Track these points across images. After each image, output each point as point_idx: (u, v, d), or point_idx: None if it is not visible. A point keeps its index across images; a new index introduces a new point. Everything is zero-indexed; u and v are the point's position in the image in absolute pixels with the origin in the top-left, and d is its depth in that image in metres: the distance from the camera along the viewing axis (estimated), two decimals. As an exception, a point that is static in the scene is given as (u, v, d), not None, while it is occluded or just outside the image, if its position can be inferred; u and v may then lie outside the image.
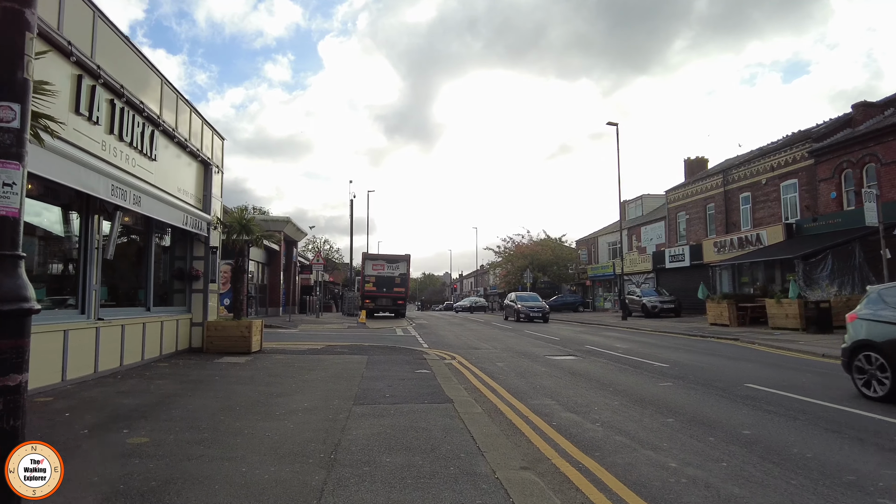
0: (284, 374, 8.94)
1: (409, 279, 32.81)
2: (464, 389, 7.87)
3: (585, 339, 17.47)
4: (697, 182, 35.04)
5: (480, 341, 16.42)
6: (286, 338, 16.98)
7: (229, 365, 9.83)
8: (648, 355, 12.48)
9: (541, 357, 12.36)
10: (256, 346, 12.15)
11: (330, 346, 13.78)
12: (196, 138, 11.39)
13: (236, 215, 12.44)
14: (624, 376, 9.48)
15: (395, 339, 17.56)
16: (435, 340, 16.90)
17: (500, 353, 13.17)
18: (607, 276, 44.90)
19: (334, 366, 9.99)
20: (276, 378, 8.45)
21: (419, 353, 12.45)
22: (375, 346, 13.96)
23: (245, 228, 12.39)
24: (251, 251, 25.97)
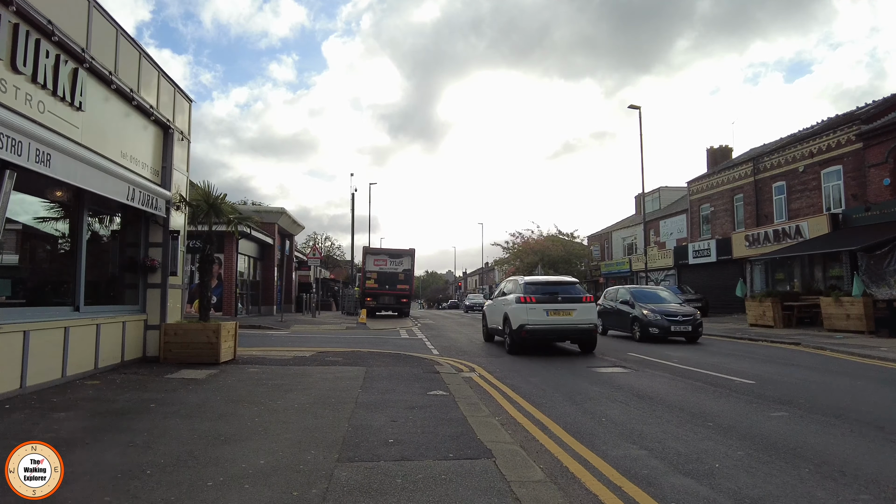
0: (250, 398, 6.54)
1: (413, 275, 30.37)
2: (501, 426, 5.47)
3: (618, 342, 15.04)
4: (723, 172, 32.56)
5: (497, 347, 14.00)
6: (272, 342, 14.59)
7: (181, 383, 7.43)
8: (716, 366, 10.06)
9: (582, 369, 9.94)
10: (227, 355, 9.77)
11: (321, 354, 11.38)
12: (149, 93, 8.99)
13: (202, 192, 10.04)
14: (711, 400, 7.05)
15: (399, 343, 15.16)
16: (446, 345, 14.49)
17: (527, 363, 10.76)
18: (623, 273, 42.42)
19: (321, 384, 7.59)
20: (235, 406, 6.06)
21: (429, 364, 10.05)
22: (376, 354, 11.56)
23: (214, 209, 10.00)
24: (240, 244, 23.61)
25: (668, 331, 14.90)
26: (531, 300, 12.19)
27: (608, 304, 17.75)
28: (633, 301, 16.23)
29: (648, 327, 15.11)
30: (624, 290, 17.73)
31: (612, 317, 17.39)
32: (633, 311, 15.89)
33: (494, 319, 14.21)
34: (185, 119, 10.66)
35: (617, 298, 17.36)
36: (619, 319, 16.94)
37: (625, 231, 44.47)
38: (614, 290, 18.38)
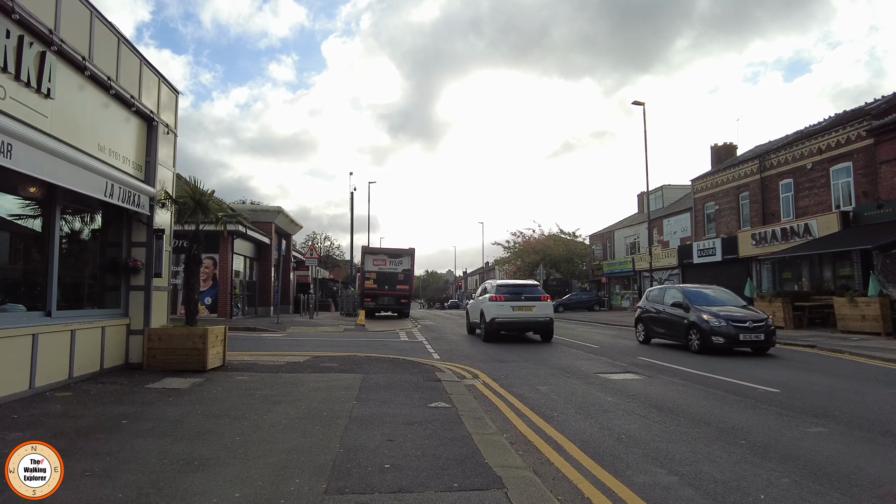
0: (234, 412, 5.96)
1: (413, 275, 29.78)
2: (510, 447, 4.89)
3: (627, 346, 14.46)
4: (728, 169, 31.99)
5: (503, 350, 13.43)
6: (266, 346, 14.01)
7: (161, 395, 6.86)
8: (733, 372, 9.48)
9: (591, 375, 9.36)
10: (216, 361, 9.19)
11: (316, 359, 10.81)
12: (130, 82, 8.41)
13: (187, 188, 9.46)
14: (737, 413, 6.48)
15: (398, 346, 14.58)
16: (447, 348, 13.91)
17: (534, 369, 10.18)
18: (625, 273, 41.86)
19: (313, 395, 7.02)
20: (216, 422, 5.48)
21: (430, 370, 9.47)
22: (374, 359, 10.99)
23: (201, 206, 9.43)
24: (235, 243, 23.03)
25: (736, 340, 12.11)
26: (501, 299, 15.40)
27: (652, 307, 15.09)
28: (687, 304, 13.40)
29: (711, 336, 12.29)
30: (675, 290, 14.80)
31: (659, 323, 14.66)
32: (689, 317, 13.10)
33: (474, 315, 17.23)
34: (172, 112, 10.08)
35: (664, 300, 14.58)
36: (668, 326, 14.20)
37: (627, 230, 43.89)
38: (660, 291, 15.61)
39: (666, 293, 14.99)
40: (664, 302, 14.59)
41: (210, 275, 22.83)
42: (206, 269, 22.85)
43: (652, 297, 15.72)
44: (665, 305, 14.44)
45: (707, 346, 12.38)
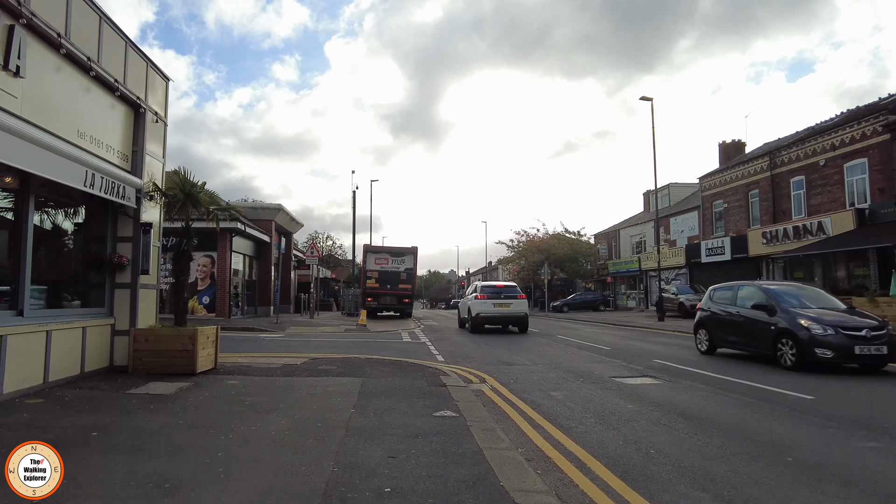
0: (219, 422, 5.39)
1: (416, 274, 29.20)
2: (527, 465, 4.32)
3: (640, 347, 13.87)
4: (737, 167, 31.36)
5: (510, 352, 12.85)
6: (262, 346, 13.45)
7: (143, 402, 6.30)
8: (757, 377, 8.87)
9: (607, 380, 8.77)
10: (206, 364, 8.63)
11: (314, 361, 10.25)
12: (113, 65, 7.85)
13: (176, 180, 8.89)
14: (774, 423, 5.88)
15: (400, 347, 14.01)
16: (451, 350, 13.33)
17: (545, 372, 9.60)
18: (631, 272, 41.23)
19: (308, 401, 6.45)
20: (198, 435, 4.92)
21: (434, 374, 8.90)
22: (375, 361, 10.42)
23: (191, 199, 8.87)
24: (234, 241, 22.50)
25: (850, 354, 9.22)
26: (484, 297, 18.56)
27: (720, 310, 12.03)
28: (775, 305, 10.48)
29: (814, 348, 9.34)
30: (753, 288, 11.68)
31: (731, 329, 11.61)
32: (778, 322, 10.16)
33: (464, 312, 20.40)
34: (161, 99, 9.52)
35: (738, 301, 11.61)
36: (745, 333, 11.22)
37: (633, 229, 43.25)
38: (729, 289, 12.39)
39: (739, 291, 11.96)
40: (738, 302, 11.61)
41: (208, 273, 22.31)
42: (204, 268, 22.34)
43: (718, 296, 12.56)
44: (739, 307, 11.46)
45: (806, 361, 9.45)
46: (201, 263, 22.34)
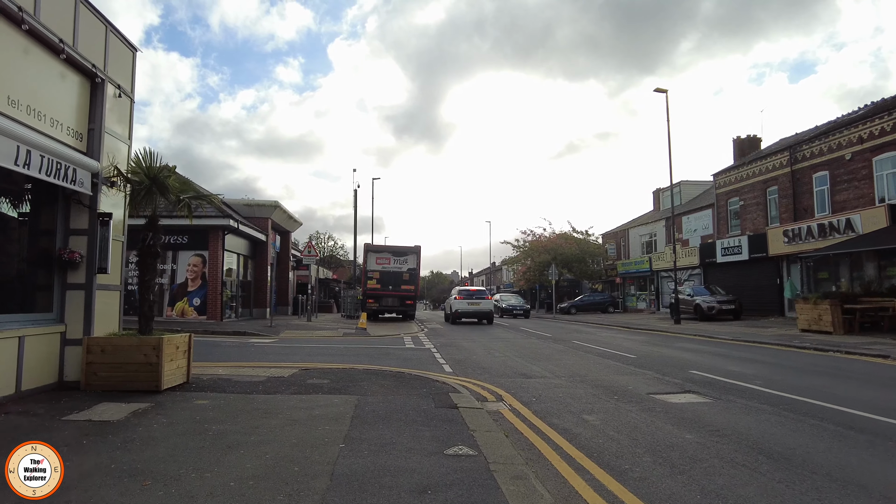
0: (165, 465, 4.09)
1: (419, 275, 27.87)
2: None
3: (668, 355, 12.54)
4: (754, 163, 30.02)
5: (525, 360, 11.54)
6: (250, 354, 12.15)
7: (79, 433, 5.00)
8: (820, 392, 7.54)
9: (646, 397, 7.46)
10: (176, 378, 7.36)
11: (304, 373, 8.96)
12: (58, 22, 6.57)
13: (143, 164, 7.57)
14: (887, 464, 4.57)
15: (402, 355, 12.70)
16: (460, 357, 12.02)
17: (570, 387, 8.29)
18: (641, 273, 39.87)
19: (287, 431, 5.15)
20: (126, 488, 3.62)
21: (443, 390, 7.60)
22: (373, 373, 9.12)
23: (157, 185, 7.58)
24: (227, 239, 21.24)
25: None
26: (461, 298, 25.88)
27: None
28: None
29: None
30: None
31: None
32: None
33: (447, 308, 28.81)
34: (127, 72, 8.25)
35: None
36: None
37: (643, 228, 41.89)
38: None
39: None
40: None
41: (199, 274, 21.04)
42: (195, 268, 21.09)
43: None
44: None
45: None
46: (192, 263, 21.08)
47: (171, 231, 20.94)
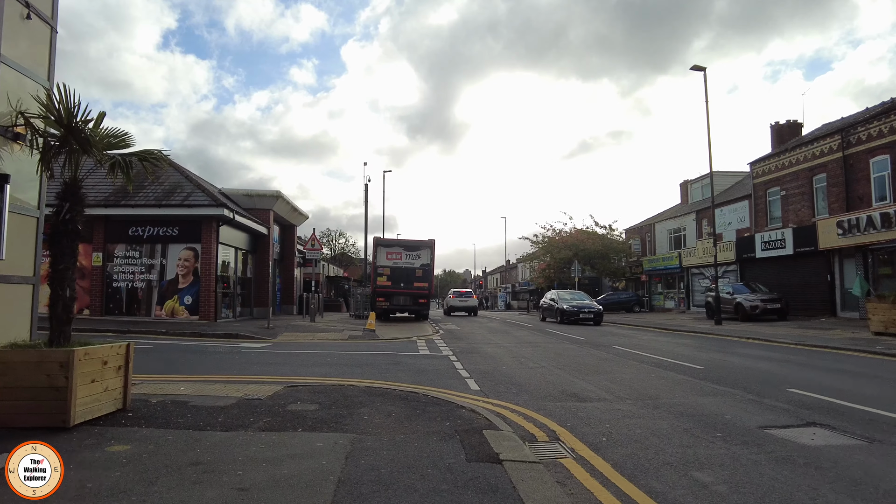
0: None
1: (433, 271, 25.67)
2: None
3: (741, 365, 10.25)
4: (798, 149, 27.46)
5: (569, 373, 9.32)
6: (233, 363, 10.05)
7: None
8: None
9: (763, 437, 5.21)
10: (104, 405, 5.25)
11: (288, 393, 6.82)
12: None
13: (56, 109, 5.40)
14: None
15: (416, 364, 10.51)
16: (486, 368, 9.82)
17: (648, 419, 6.05)
18: (670, 270, 37.39)
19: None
20: None
21: (473, 424, 5.42)
22: (378, 393, 6.95)
23: (74, 136, 5.44)
24: (222, 232, 19.20)
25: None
26: (453, 297, 36.08)
27: None
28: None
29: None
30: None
31: None
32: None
33: (444, 305, 39.17)
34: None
35: None
36: None
37: (671, 222, 39.37)
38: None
39: None
40: None
41: (191, 269, 19.02)
42: (186, 262, 19.08)
43: None
44: None
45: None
46: (183, 257, 19.06)
47: (160, 222, 18.97)
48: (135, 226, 19.01)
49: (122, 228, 19.03)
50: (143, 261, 19.13)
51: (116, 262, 19.09)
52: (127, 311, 18.94)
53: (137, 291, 19.08)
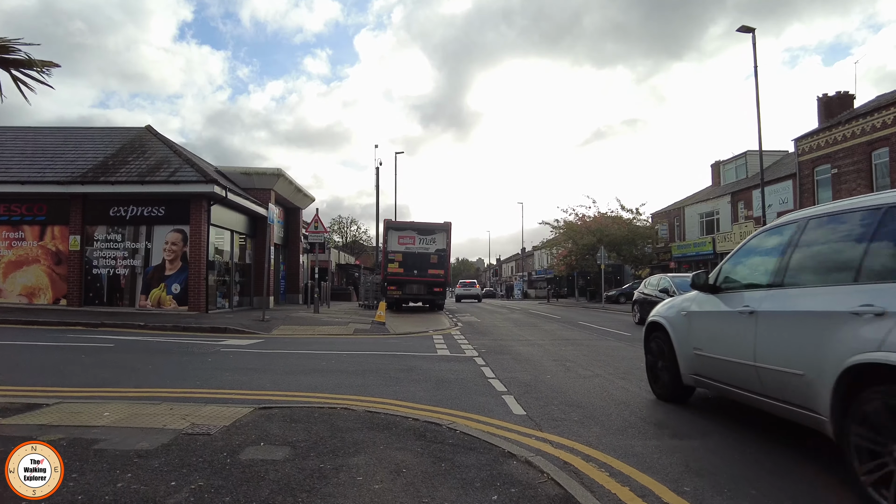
0: None
1: (449, 257, 23.44)
2: None
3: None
4: (852, 122, 24.81)
5: (640, 387, 7.07)
6: (203, 367, 7.91)
7: None
8: None
9: None
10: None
11: (251, 425, 4.67)
12: None
13: None
14: None
15: (434, 371, 8.29)
16: (525, 379, 7.59)
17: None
18: (702, 256, 34.85)
19: None
20: None
21: (534, 495, 3.21)
22: (381, 426, 4.76)
23: None
24: (213, 212, 17.15)
25: None
26: (460, 287, 44.52)
27: None
28: None
29: None
30: None
31: None
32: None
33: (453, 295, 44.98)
34: None
35: None
36: None
37: (702, 205, 36.75)
38: None
39: None
40: None
41: (179, 254, 16.97)
42: (174, 246, 17.04)
43: None
44: None
45: None
46: (170, 241, 17.01)
47: (145, 200, 16.92)
48: (116, 205, 16.96)
49: (102, 208, 16.99)
50: (126, 244, 17.10)
51: (96, 247, 17.08)
52: (108, 301, 16.95)
53: (120, 279, 17.08)
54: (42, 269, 17.10)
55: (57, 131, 21.26)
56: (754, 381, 4.35)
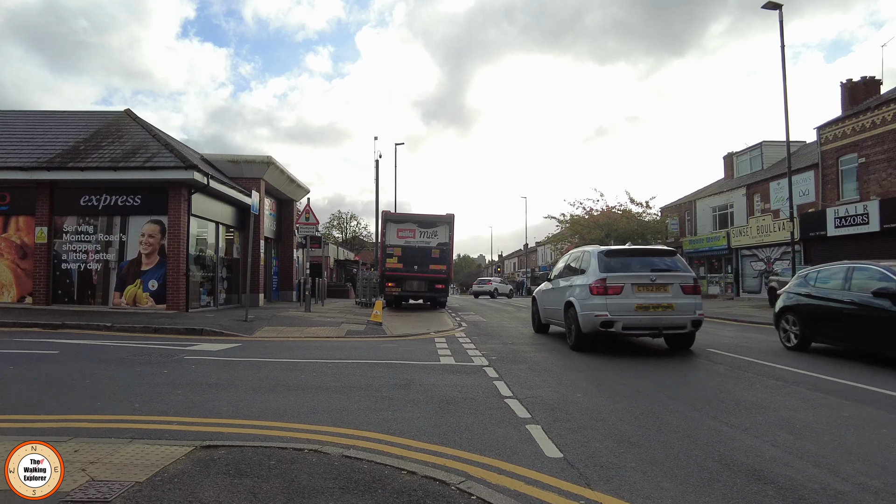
0: None
1: (452, 251, 21.90)
2: None
3: None
4: (882, 108, 23.25)
5: (697, 411, 5.63)
6: (134, 392, 6.38)
7: None
8: None
9: None
10: None
11: (176, 485, 3.18)
12: None
13: None
14: None
15: (435, 389, 6.77)
16: (551, 398, 6.10)
17: None
18: (715, 251, 33.33)
19: None
20: None
21: None
22: (359, 486, 3.28)
23: None
24: (194, 200, 15.69)
25: None
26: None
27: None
28: None
29: None
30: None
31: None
32: None
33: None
34: None
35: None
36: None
37: (715, 198, 35.19)
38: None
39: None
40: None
41: (156, 247, 15.49)
42: (150, 239, 15.56)
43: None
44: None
45: None
46: (147, 233, 15.52)
47: (119, 189, 15.43)
48: (88, 193, 15.47)
49: (72, 197, 15.50)
50: (98, 237, 15.61)
51: (66, 239, 15.59)
52: (79, 300, 15.47)
53: (92, 274, 15.59)
54: (5, 263, 15.62)
55: (29, 115, 19.77)
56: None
